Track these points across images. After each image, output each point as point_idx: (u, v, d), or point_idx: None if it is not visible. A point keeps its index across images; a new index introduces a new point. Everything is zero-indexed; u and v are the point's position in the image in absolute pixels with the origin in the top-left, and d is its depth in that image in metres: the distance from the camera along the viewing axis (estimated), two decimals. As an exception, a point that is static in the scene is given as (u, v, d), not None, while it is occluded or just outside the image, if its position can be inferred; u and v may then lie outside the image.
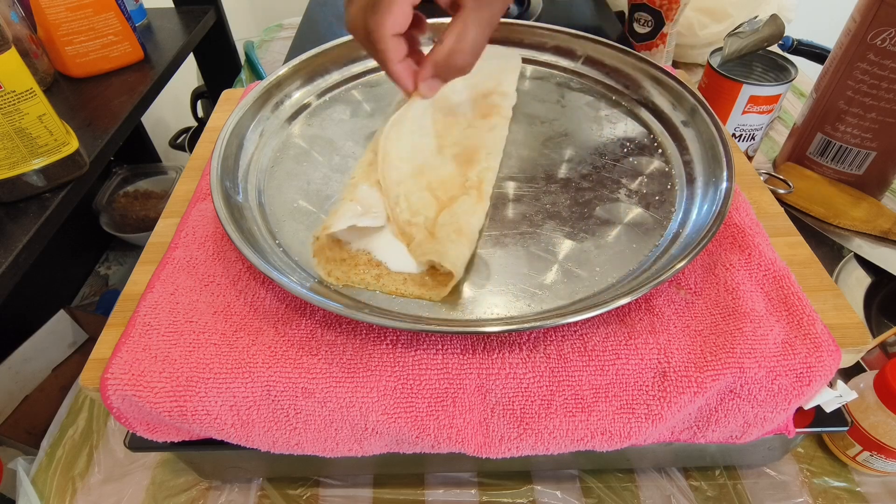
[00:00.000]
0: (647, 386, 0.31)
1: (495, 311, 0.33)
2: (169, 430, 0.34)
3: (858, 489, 0.41)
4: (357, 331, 0.32)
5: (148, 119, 1.09)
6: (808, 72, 0.76)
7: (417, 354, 0.31)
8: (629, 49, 0.49)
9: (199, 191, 0.42)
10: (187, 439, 0.34)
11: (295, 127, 0.47)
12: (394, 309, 0.33)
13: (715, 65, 0.62)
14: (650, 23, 0.75)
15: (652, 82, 0.47)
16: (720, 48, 0.63)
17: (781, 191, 0.58)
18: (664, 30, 0.75)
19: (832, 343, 0.31)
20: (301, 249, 0.36)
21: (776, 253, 0.36)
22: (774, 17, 0.61)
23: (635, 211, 0.39)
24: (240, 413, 0.31)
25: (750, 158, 0.67)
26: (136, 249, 0.99)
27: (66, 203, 0.50)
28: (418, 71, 0.36)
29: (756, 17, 0.62)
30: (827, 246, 0.57)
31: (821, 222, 0.57)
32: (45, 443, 0.46)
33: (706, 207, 0.37)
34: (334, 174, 0.42)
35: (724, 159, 0.38)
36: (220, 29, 0.89)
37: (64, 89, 0.65)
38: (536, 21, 0.56)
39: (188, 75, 0.96)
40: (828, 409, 0.34)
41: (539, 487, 0.41)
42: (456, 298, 0.33)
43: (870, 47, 0.51)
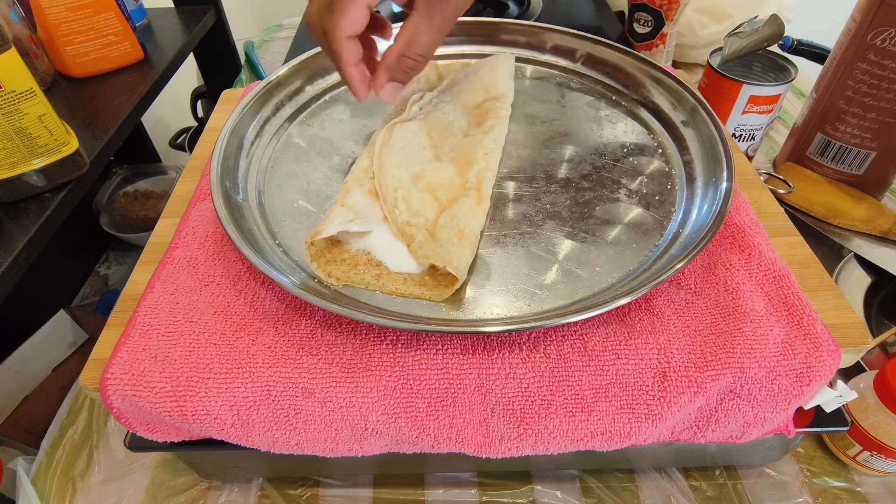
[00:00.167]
0: (647, 386, 0.31)
1: (495, 311, 0.33)
2: (169, 430, 0.34)
3: (858, 489, 0.41)
4: (357, 331, 0.32)
5: (148, 119, 1.09)
6: (808, 72, 0.76)
7: (417, 354, 0.31)
8: (629, 49, 0.49)
9: (199, 191, 0.42)
10: (187, 439, 0.34)
11: (295, 127, 0.47)
12: (394, 309, 0.33)
13: (715, 65, 0.62)
14: (650, 23, 0.75)
15: (652, 82, 0.47)
16: (720, 48, 0.63)
17: (781, 191, 0.58)
18: (664, 30, 0.75)
19: (832, 343, 0.31)
20: (301, 249, 0.36)
21: (776, 253, 0.36)
22: (774, 17, 0.61)
23: (635, 211, 0.39)
24: (240, 413, 0.31)
25: (750, 158, 0.67)
26: (136, 249, 0.99)
27: (66, 203, 0.50)
28: (373, 78, 0.37)
29: (756, 17, 0.62)
30: (827, 246, 0.57)
31: (821, 222, 0.57)
32: (45, 443, 0.46)
33: (706, 207, 0.37)
34: (334, 174, 0.42)
35: (724, 159, 0.38)
36: (220, 29, 0.89)
37: (64, 89, 0.65)
38: (536, 21, 0.56)
39: (188, 75, 0.96)
40: (828, 409, 0.34)
41: (539, 487, 0.41)
42: (456, 298, 0.33)
43: (870, 47, 0.51)
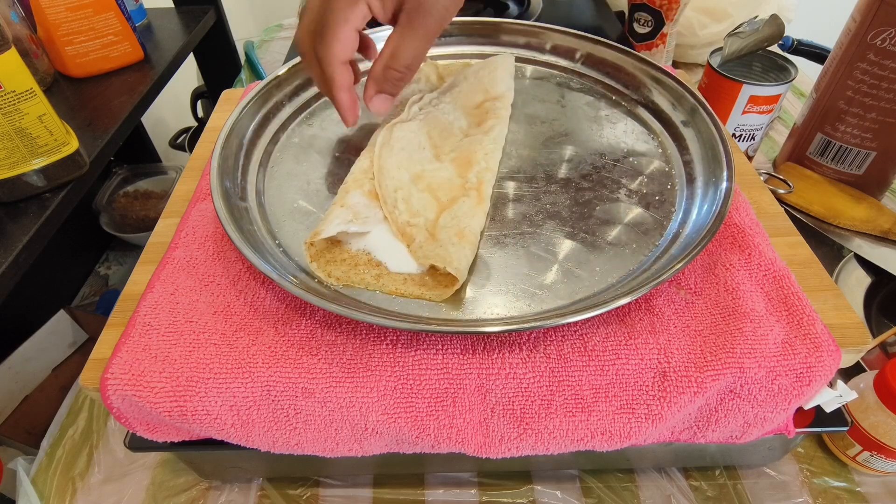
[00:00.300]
0: (647, 386, 0.31)
1: (495, 311, 0.33)
2: (169, 430, 0.34)
3: (858, 489, 0.41)
4: (357, 331, 0.32)
5: (148, 119, 1.09)
6: (808, 72, 0.76)
7: (417, 354, 0.31)
8: (629, 49, 0.49)
9: (199, 191, 0.42)
10: (187, 439, 0.34)
11: (295, 127, 0.47)
12: (394, 309, 0.33)
13: (715, 65, 0.62)
14: (650, 23, 0.75)
15: (652, 82, 0.47)
16: (720, 48, 0.63)
17: (781, 191, 0.58)
18: (664, 30, 0.75)
19: (832, 343, 0.31)
20: (301, 249, 0.36)
21: (776, 253, 0.36)
22: (774, 17, 0.61)
23: (635, 211, 0.39)
24: (240, 413, 0.31)
25: (750, 158, 0.67)
26: (136, 249, 0.99)
27: (66, 203, 0.50)
28: (364, 95, 0.37)
29: (756, 17, 0.62)
30: (827, 246, 0.57)
31: (821, 222, 0.57)
32: (45, 443, 0.46)
33: (706, 207, 0.37)
34: (334, 174, 0.42)
35: (724, 159, 0.38)
36: (220, 29, 0.89)
37: (64, 89, 0.65)
38: (536, 21, 0.56)
39: (188, 75, 0.96)
40: (828, 409, 0.34)
41: (539, 487, 0.41)
42: (456, 298, 0.33)
43: (870, 47, 0.51)
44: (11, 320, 0.76)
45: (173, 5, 0.85)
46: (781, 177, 0.59)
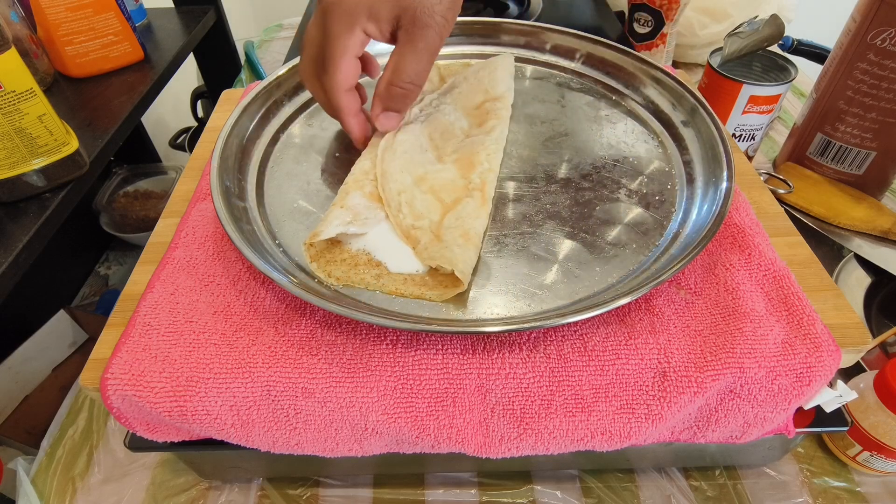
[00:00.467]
0: (647, 386, 0.31)
1: (495, 311, 0.33)
2: (169, 430, 0.34)
3: (858, 489, 0.41)
4: (357, 331, 0.32)
5: (148, 119, 1.09)
6: (808, 72, 0.76)
7: (417, 354, 0.31)
8: (629, 49, 0.49)
9: (199, 191, 0.42)
10: (187, 439, 0.34)
11: (295, 127, 0.47)
12: (394, 309, 0.33)
13: (715, 65, 0.62)
14: (650, 23, 0.75)
15: (652, 82, 0.47)
16: (720, 48, 0.63)
17: (781, 191, 0.58)
18: (664, 30, 0.75)
19: (832, 343, 0.31)
20: (301, 249, 0.36)
21: (776, 253, 0.36)
22: (774, 17, 0.61)
23: (635, 211, 0.39)
24: (240, 413, 0.31)
25: (750, 158, 0.67)
26: (136, 249, 0.99)
27: (66, 203, 0.50)
28: (371, 113, 0.38)
29: (756, 17, 0.62)
30: (827, 246, 0.57)
31: (821, 222, 0.57)
32: (45, 443, 0.46)
33: (706, 207, 0.37)
34: (334, 174, 0.42)
35: (724, 159, 0.38)
36: (220, 29, 0.89)
37: (64, 89, 0.65)
38: (536, 21, 0.56)
39: (188, 75, 0.96)
40: (828, 409, 0.34)
41: (539, 487, 0.41)
42: (456, 298, 0.33)
43: (870, 47, 0.51)
44: (11, 320, 0.76)
45: (173, 5, 0.85)
46: (781, 177, 0.59)
